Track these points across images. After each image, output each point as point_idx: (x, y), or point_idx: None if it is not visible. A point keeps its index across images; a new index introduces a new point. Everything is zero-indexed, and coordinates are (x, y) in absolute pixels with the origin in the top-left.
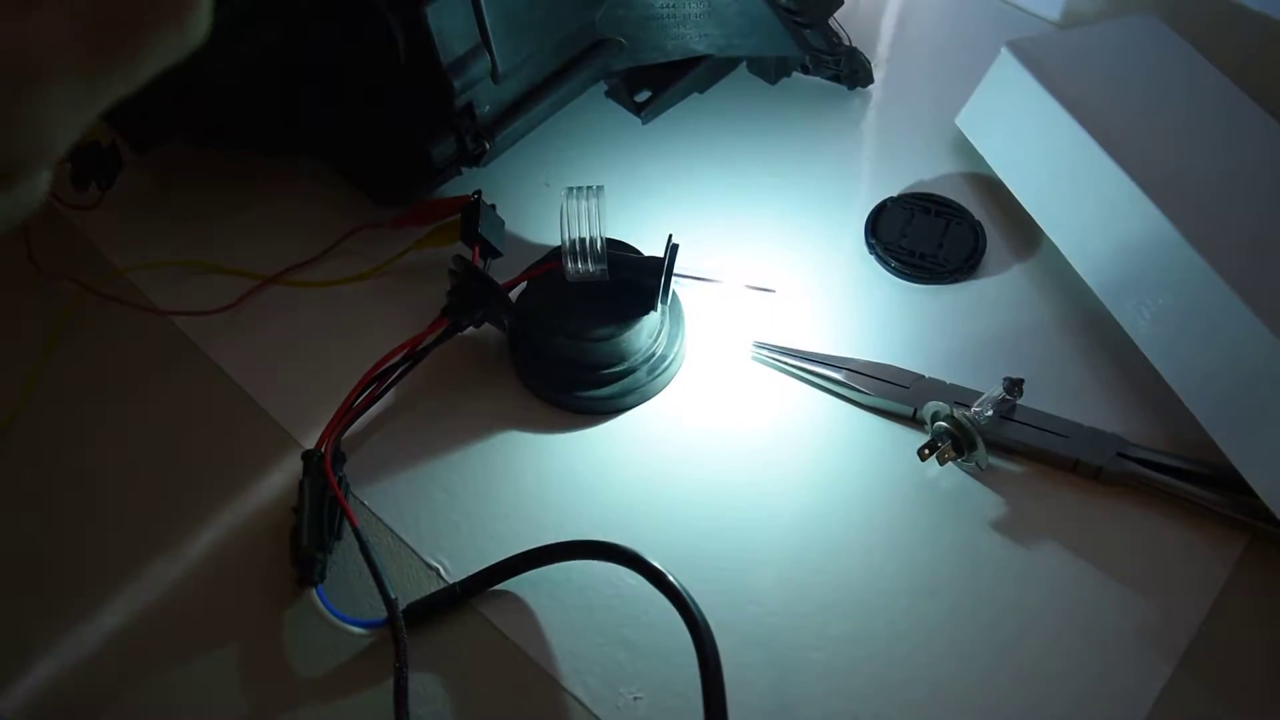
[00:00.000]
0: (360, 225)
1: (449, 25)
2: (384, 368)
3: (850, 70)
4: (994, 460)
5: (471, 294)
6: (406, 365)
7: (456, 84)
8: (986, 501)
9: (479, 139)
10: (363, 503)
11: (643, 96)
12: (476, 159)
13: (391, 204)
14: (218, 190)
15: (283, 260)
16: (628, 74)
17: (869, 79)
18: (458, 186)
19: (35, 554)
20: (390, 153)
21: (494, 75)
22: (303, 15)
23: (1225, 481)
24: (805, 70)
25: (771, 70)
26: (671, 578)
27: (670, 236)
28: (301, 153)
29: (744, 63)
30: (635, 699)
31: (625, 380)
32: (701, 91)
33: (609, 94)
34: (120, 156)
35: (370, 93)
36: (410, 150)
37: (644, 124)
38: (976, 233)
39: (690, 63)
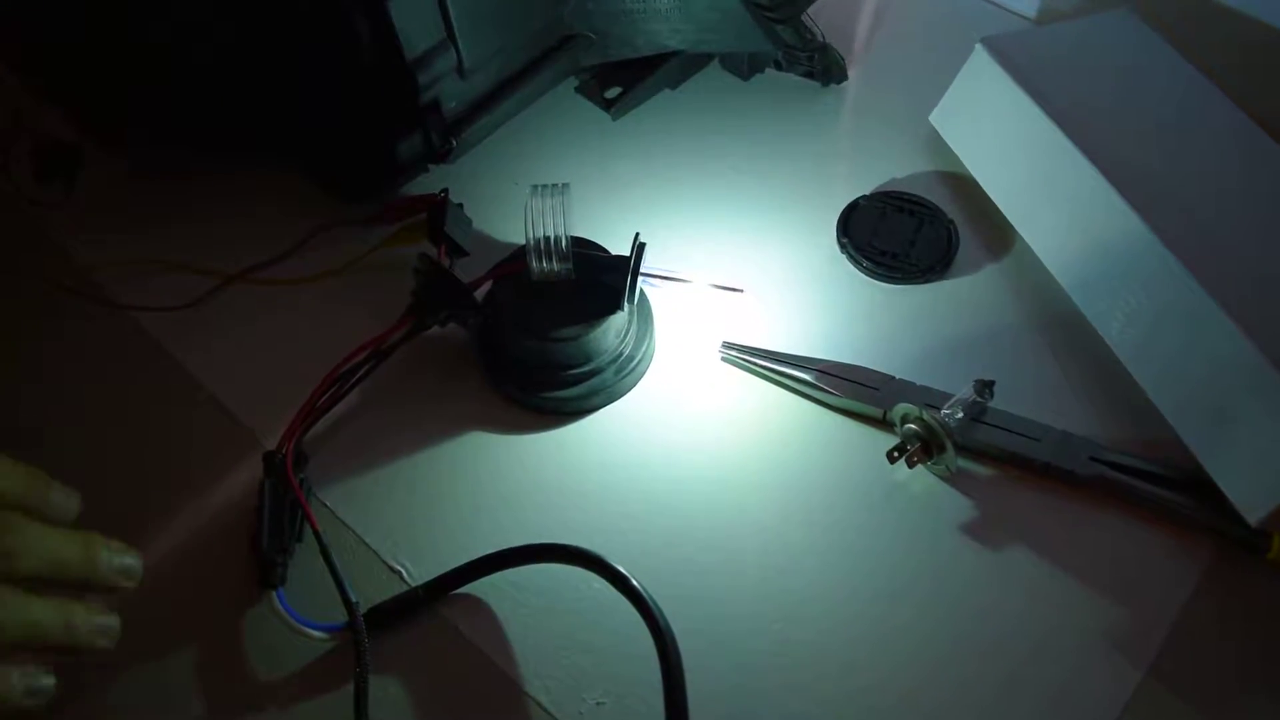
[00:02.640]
0: (326, 224)
1: (413, 20)
2: (348, 367)
3: (823, 66)
4: (964, 463)
5: (436, 293)
6: (371, 365)
7: (421, 80)
8: (956, 505)
9: (445, 136)
10: (325, 504)
11: (613, 93)
12: (443, 156)
13: (358, 202)
14: (182, 188)
15: (247, 258)
16: (598, 70)
17: (843, 75)
18: (425, 184)
19: None
20: (356, 150)
21: (460, 71)
22: (262, 13)
23: (1197, 486)
24: (778, 66)
25: (744, 66)
26: (635, 582)
27: (637, 235)
28: (265, 151)
29: (716, 59)
30: (598, 704)
31: (592, 381)
32: (673, 88)
33: (579, 90)
34: (83, 155)
35: (335, 90)
36: (376, 148)
37: (614, 120)
38: (949, 232)
39: (661, 59)
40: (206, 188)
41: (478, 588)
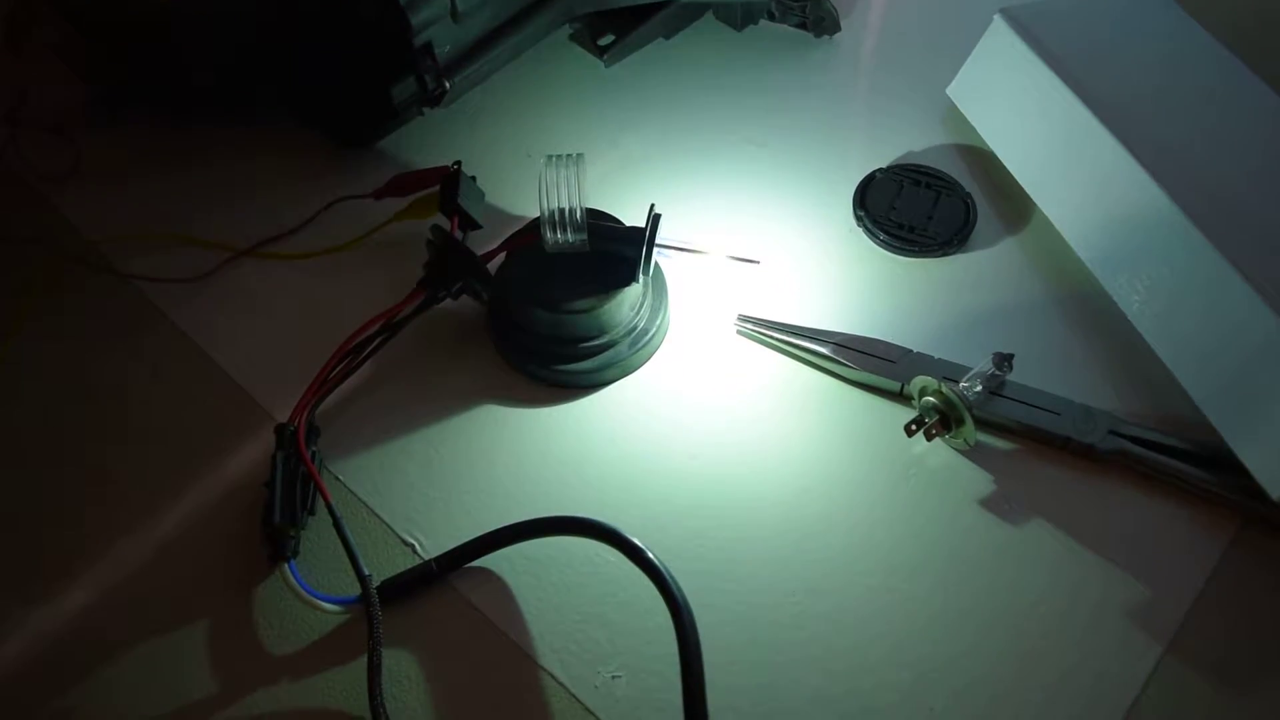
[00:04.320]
0: (338, 198)
1: None
2: (360, 340)
3: (816, 17)
4: (982, 437)
5: (449, 265)
6: (383, 338)
7: (414, 22)
8: (974, 479)
9: (439, 79)
10: (337, 477)
11: (606, 40)
12: (437, 99)
13: (353, 145)
14: (193, 163)
15: (259, 233)
16: (592, 18)
17: (835, 27)
18: (431, 154)
19: None
20: (351, 94)
21: (453, 14)
22: None
23: (1219, 461)
24: (771, 17)
25: (737, 16)
26: (650, 554)
27: (652, 206)
28: (264, 98)
29: (710, 10)
30: (614, 677)
31: (606, 354)
32: (667, 38)
33: (573, 38)
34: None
35: (330, 33)
36: (370, 91)
37: (606, 67)
38: (967, 205)
39: (655, 7)
40: (218, 164)
41: (491, 561)
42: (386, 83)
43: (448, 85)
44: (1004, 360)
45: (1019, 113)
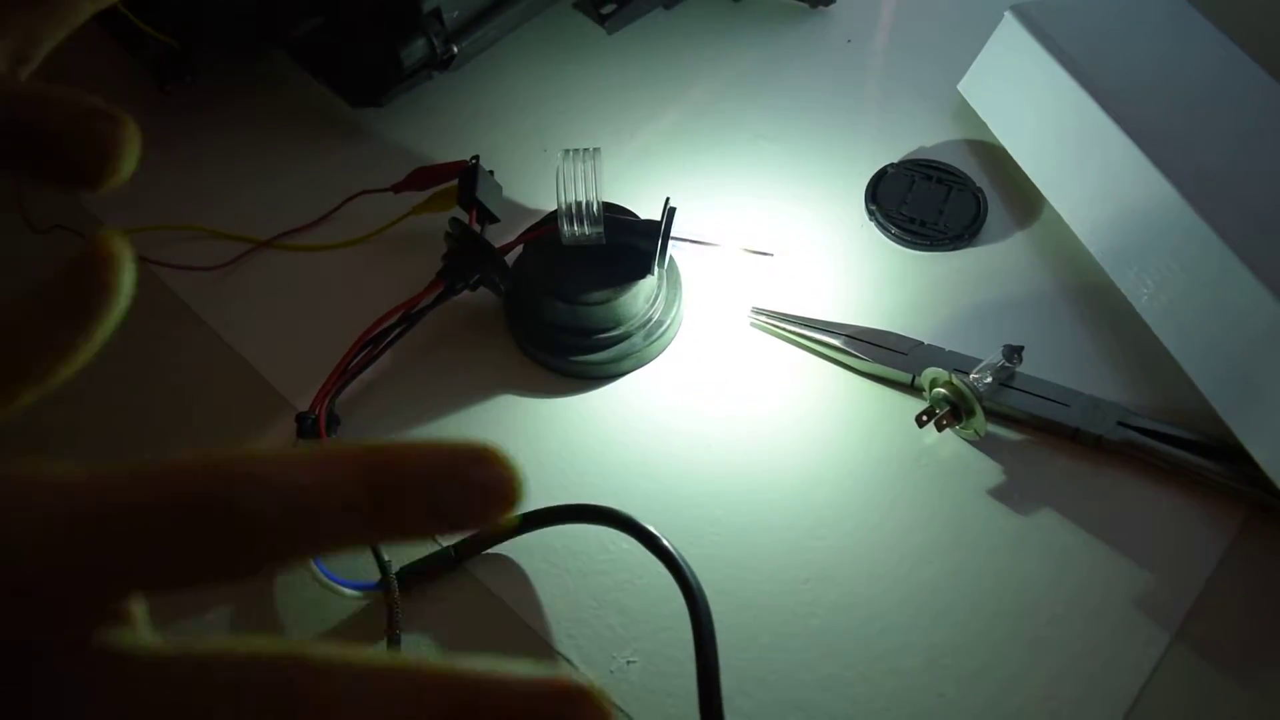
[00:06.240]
0: (359, 191)
1: None
2: (380, 330)
3: None
4: (992, 428)
5: (468, 256)
6: (402, 328)
7: None
8: (984, 469)
9: (447, 43)
10: None
11: (609, 8)
12: (445, 64)
13: (363, 105)
14: (214, 155)
15: (280, 225)
16: None
17: None
18: (450, 148)
19: None
20: (363, 56)
21: None
22: None
23: (1226, 451)
24: None
25: None
26: (665, 542)
27: (668, 199)
28: (276, 51)
29: None
30: (629, 663)
31: (621, 345)
32: (668, 7)
33: (576, 6)
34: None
35: None
36: (380, 54)
37: (609, 34)
38: (978, 200)
39: None
40: (239, 156)
41: (509, 548)
42: (396, 46)
43: (455, 50)
44: (1014, 352)
45: (1030, 108)
